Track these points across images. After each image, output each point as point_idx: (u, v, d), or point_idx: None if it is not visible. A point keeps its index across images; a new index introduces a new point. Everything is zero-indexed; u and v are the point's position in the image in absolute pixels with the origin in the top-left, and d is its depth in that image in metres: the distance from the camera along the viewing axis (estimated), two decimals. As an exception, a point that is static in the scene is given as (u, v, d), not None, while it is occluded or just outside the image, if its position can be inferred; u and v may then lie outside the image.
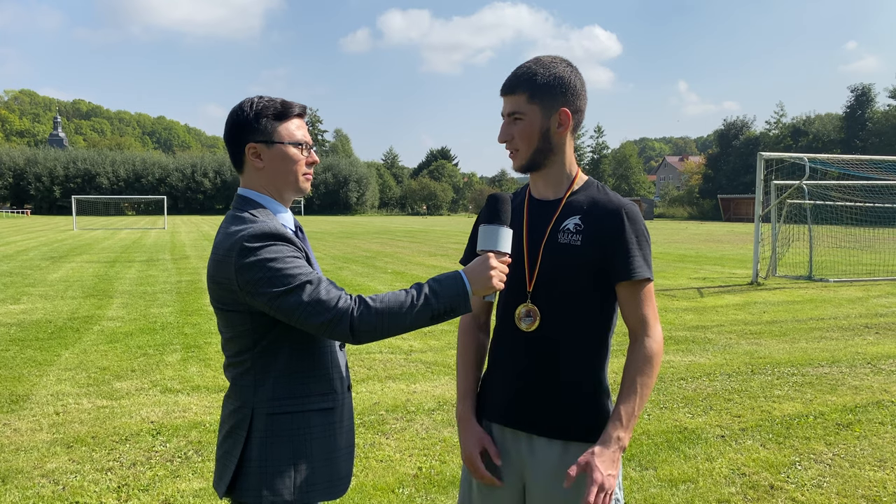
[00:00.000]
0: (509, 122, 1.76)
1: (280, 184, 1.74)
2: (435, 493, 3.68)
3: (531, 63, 1.76)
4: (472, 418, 1.89)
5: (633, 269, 1.71)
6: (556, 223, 1.77)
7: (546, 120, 1.74)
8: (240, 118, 1.71)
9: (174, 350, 7.04)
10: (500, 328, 1.88)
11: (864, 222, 17.47)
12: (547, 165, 1.79)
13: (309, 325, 1.57)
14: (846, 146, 63.70)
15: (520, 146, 1.76)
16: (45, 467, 3.99)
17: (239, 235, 1.60)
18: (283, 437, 1.68)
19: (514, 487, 1.82)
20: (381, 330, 1.58)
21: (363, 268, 15.80)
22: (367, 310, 1.57)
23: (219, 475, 1.74)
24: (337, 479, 1.76)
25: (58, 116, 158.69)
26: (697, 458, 4.17)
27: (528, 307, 1.78)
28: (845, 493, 3.70)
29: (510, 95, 1.75)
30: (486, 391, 1.91)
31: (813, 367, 6.48)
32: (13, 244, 23.07)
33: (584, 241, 1.73)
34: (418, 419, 4.90)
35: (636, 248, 1.72)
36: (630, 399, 1.70)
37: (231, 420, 1.73)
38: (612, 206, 1.75)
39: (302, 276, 1.57)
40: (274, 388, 1.68)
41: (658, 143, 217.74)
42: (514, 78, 1.75)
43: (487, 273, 1.63)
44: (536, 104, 1.73)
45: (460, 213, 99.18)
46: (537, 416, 1.78)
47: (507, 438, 1.84)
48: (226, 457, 1.71)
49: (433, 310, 1.59)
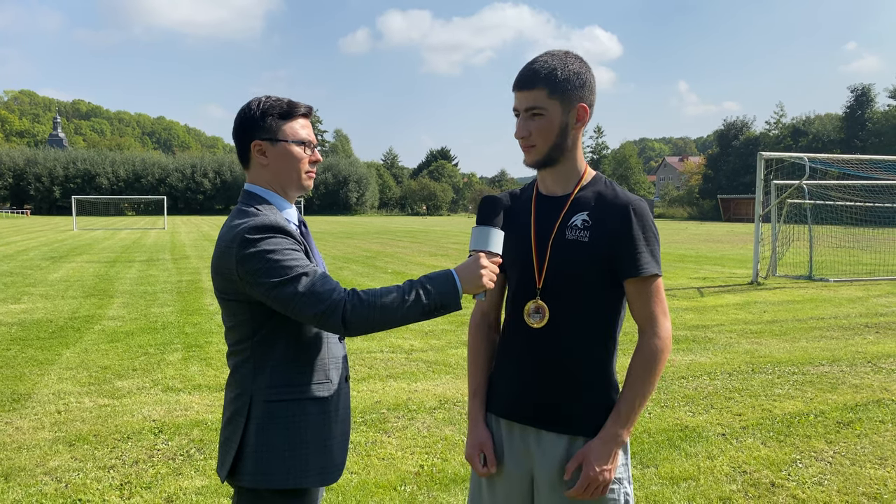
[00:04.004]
0: (527, 117, 1.73)
1: (283, 180, 1.80)
2: (437, 490, 3.68)
3: (547, 57, 1.73)
4: (479, 418, 1.91)
5: (641, 266, 1.71)
6: (564, 219, 1.77)
7: (565, 115, 1.73)
8: (247, 116, 1.78)
9: (175, 349, 7.04)
10: (509, 324, 1.88)
11: (864, 222, 17.48)
12: (560, 161, 1.79)
13: (303, 316, 1.63)
14: (846, 146, 63.68)
15: (537, 142, 1.74)
16: (48, 465, 4.00)
17: (241, 227, 1.66)
18: (280, 424, 1.74)
19: (523, 481, 1.83)
20: (373, 323, 1.63)
21: (363, 268, 15.81)
22: (360, 303, 1.62)
23: (221, 460, 1.81)
24: (331, 466, 1.82)
25: (57, 117, 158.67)
26: (698, 456, 4.18)
27: (538, 303, 1.78)
28: (846, 490, 3.70)
29: (528, 90, 1.71)
30: (495, 386, 1.92)
31: (813, 365, 6.49)
32: (13, 244, 23.07)
33: (591, 237, 1.73)
34: (420, 417, 4.91)
35: (644, 244, 1.72)
36: (631, 396, 1.72)
37: (232, 407, 1.79)
38: (620, 202, 1.75)
39: (298, 268, 1.63)
40: (271, 377, 1.74)
41: (658, 144, 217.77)
42: (532, 73, 1.71)
43: (478, 272, 1.67)
44: (556, 99, 1.71)
45: (460, 213, 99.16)
46: (545, 411, 1.79)
47: (514, 433, 1.85)
48: (227, 443, 1.78)
49: (424, 305, 1.64)
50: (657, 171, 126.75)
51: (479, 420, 1.91)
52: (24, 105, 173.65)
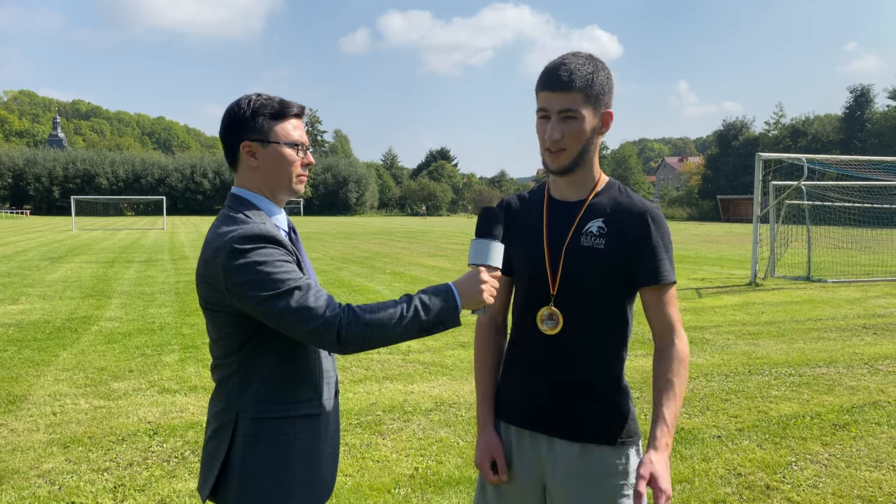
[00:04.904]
0: (560, 119, 1.66)
1: (274, 184, 1.71)
2: (431, 493, 3.68)
3: (581, 60, 1.67)
4: (489, 424, 1.89)
5: (661, 274, 1.70)
6: (579, 225, 1.75)
7: (597, 121, 1.70)
8: (236, 115, 1.68)
9: (172, 350, 7.04)
10: (520, 330, 1.85)
11: (863, 223, 17.48)
12: (581, 166, 1.75)
13: (295, 332, 1.55)
14: (845, 147, 63.64)
15: (569, 145, 1.69)
16: (42, 467, 3.99)
17: (229, 236, 1.57)
18: (267, 442, 1.65)
19: (535, 489, 1.81)
20: (369, 341, 1.55)
21: (362, 268, 15.80)
22: (356, 320, 1.53)
23: (203, 477, 1.72)
24: (320, 485, 1.75)
25: (57, 117, 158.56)
26: (694, 458, 4.18)
27: (551, 310, 1.76)
28: (841, 493, 3.70)
29: (565, 92, 1.64)
30: (505, 393, 1.89)
31: (810, 367, 6.49)
32: (12, 244, 23.06)
33: (607, 244, 1.71)
34: (415, 419, 4.90)
35: (664, 252, 1.71)
36: (671, 402, 1.67)
37: (216, 422, 1.70)
38: (637, 209, 1.73)
39: (291, 282, 1.54)
40: (259, 392, 1.65)
41: (657, 144, 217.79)
42: (569, 74, 1.64)
43: (478, 287, 1.61)
44: (591, 104, 1.67)
45: (459, 213, 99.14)
46: (558, 418, 1.77)
47: (525, 440, 1.83)
48: (210, 459, 1.70)
49: (422, 323, 1.56)
50: (657, 171, 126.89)
51: (488, 425, 1.89)
52: (24, 105, 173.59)
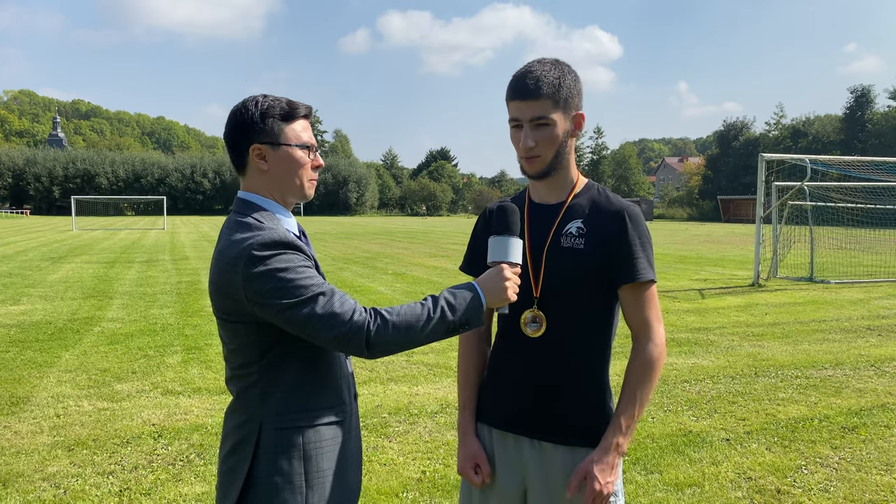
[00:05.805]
0: (532, 127, 1.70)
1: (284, 188, 1.66)
2: (439, 497, 3.65)
3: (546, 67, 1.70)
4: (471, 431, 1.90)
5: (637, 272, 1.71)
6: (559, 227, 1.77)
7: (568, 124, 1.73)
8: (244, 118, 1.62)
9: (175, 352, 7.00)
10: (504, 334, 1.85)
11: (865, 223, 17.45)
12: (558, 170, 1.77)
13: (321, 339, 1.51)
14: (846, 147, 63.64)
15: (543, 152, 1.72)
16: (46, 471, 3.96)
17: (247, 243, 1.51)
18: (294, 453, 1.60)
19: (516, 492, 1.81)
20: (398, 344, 1.52)
21: (363, 269, 15.77)
22: (385, 323, 1.50)
23: (223, 493, 1.64)
24: (348, 493, 1.70)
25: (57, 117, 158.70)
26: (703, 461, 4.15)
27: (535, 313, 1.76)
28: (852, 497, 3.67)
29: (533, 100, 1.67)
30: (488, 397, 1.89)
31: (816, 369, 6.46)
32: (12, 244, 23.03)
33: (587, 244, 1.73)
34: (421, 422, 4.87)
35: (640, 250, 1.72)
36: (630, 405, 1.70)
37: (236, 435, 1.63)
38: (614, 208, 1.75)
39: (314, 287, 1.50)
40: (283, 402, 1.60)
41: (657, 144, 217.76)
42: (535, 81, 1.67)
43: (502, 284, 1.60)
44: (560, 109, 1.70)
45: (460, 213, 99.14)
46: (541, 421, 1.77)
47: (508, 444, 1.83)
48: (231, 473, 1.62)
49: (449, 323, 1.54)
50: (657, 171, 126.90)
51: (469, 432, 1.89)
52: (24, 105, 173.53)
